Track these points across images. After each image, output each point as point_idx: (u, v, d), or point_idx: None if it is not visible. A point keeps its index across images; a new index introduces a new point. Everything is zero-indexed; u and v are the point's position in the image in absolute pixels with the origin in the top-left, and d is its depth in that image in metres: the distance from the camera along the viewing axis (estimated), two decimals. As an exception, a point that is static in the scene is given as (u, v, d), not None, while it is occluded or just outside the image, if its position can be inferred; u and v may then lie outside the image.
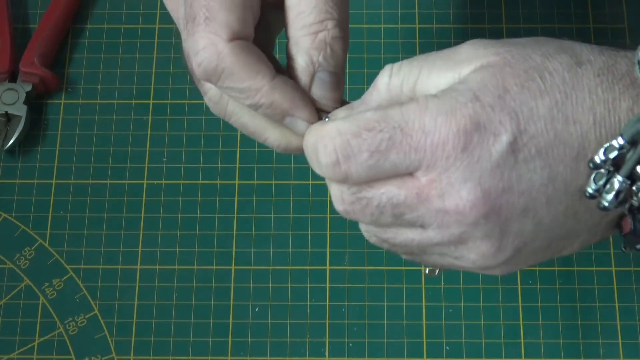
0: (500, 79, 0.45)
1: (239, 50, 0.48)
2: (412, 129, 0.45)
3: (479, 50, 0.46)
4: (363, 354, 0.65)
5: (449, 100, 0.45)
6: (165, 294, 0.67)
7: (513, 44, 0.46)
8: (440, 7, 0.75)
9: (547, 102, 0.45)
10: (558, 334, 0.66)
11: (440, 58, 0.47)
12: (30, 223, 0.69)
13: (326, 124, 0.47)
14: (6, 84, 0.72)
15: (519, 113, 0.44)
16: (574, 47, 0.46)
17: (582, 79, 0.45)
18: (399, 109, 0.45)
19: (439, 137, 0.44)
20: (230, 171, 0.70)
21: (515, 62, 0.45)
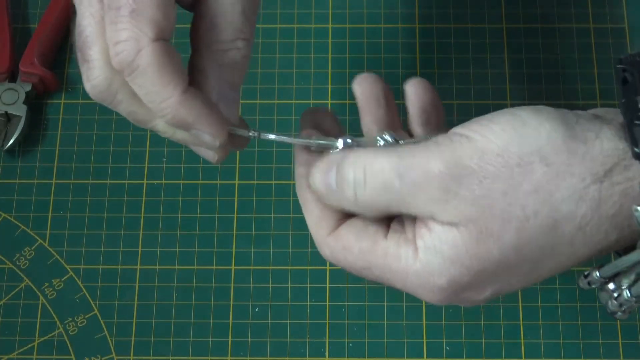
0: (475, 261, 0.45)
1: (159, 53, 0.46)
2: (393, 283, 0.48)
3: (448, 207, 0.45)
4: (363, 354, 0.65)
5: (427, 278, 0.46)
6: (165, 294, 0.67)
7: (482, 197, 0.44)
8: (440, 7, 0.75)
9: (525, 268, 0.46)
10: (558, 334, 0.66)
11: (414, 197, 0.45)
12: (30, 223, 0.69)
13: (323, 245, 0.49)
14: (6, 84, 0.72)
15: (497, 280, 0.46)
16: (553, 194, 0.44)
17: (561, 238, 0.44)
18: (382, 263, 0.47)
19: (421, 297, 0.47)
20: (230, 171, 0.70)
21: (488, 239, 0.44)
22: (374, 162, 0.46)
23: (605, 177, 0.44)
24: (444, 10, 0.75)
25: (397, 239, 0.47)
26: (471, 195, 0.44)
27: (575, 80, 0.73)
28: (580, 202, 0.44)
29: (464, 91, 0.72)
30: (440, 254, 0.45)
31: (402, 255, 0.47)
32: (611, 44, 0.74)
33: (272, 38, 0.73)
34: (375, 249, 0.48)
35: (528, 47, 0.74)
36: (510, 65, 0.73)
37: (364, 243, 0.48)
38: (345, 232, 0.49)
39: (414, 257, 0.46)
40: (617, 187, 0.44)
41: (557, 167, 0.44)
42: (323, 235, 0.49)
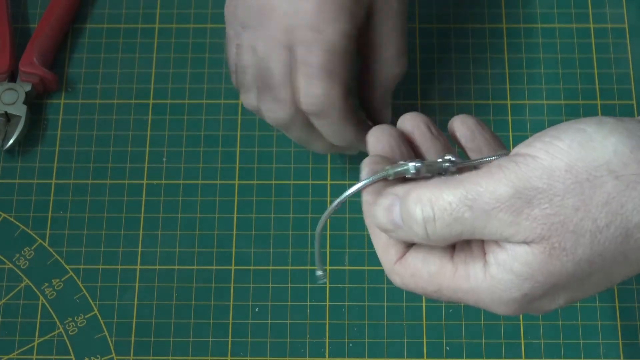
0: (548, 276, 0.45)
1: (345, 108, 0.60)
2: (467, 301, 0.48)
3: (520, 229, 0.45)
4: (363, 354, 0.65)
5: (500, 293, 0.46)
6: (165, 294, 0.67)
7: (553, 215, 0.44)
8: (440, 7, 0.75)
9: (597, 277, 0.46)
10: (558, 334, 0.66)
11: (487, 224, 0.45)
12: (30, 223, 0.69)
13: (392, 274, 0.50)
14: (6, 83, 0.72)
15: (571, 289, 0.46)
16: (624, 206, 0.44)
17: (633, 246, 0.45)
18: (452, 285, 0.48)
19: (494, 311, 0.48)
20: (230, 171, 0.70)
21: (561, 254, 0.45)
22: (440, 197, 0.46)
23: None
24: (444, 10, 0.75)
25: (464, 258, 0.47)
26: (542, 214, 0.44)
27: (575, 80, 0.73)
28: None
29: (464, 91, 0.72)
30: (512, 271, 0.45)
31: (470, 274, 0.47)
32: (611, 44, 0.74)
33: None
34: (444, 272, 0.48)
35: (528, 47, 0.74)
36: (510, 65, 0.73)
37: (431, 267, 0.48)
38: (412, 258, 0.49)
39: (483, 273, 0.46)
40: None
41: (626, 178, 0.44)
42: (391, 264, 0.49)
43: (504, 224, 0.45)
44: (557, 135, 0.45)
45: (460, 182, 0.45)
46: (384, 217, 0.48)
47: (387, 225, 0.48)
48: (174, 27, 0.75)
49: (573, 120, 0.46)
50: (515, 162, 0.45)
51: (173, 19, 0.75)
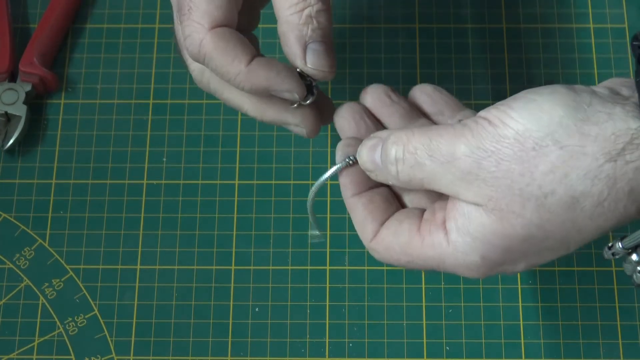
0: (501, 238, 0.48)
1: (217, 38, 0.53)
2: (437, 268, 0.51)
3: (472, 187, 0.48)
4: (363, 354, 0.65)
5: (461, 258, 0.50)
6: (165, 294, 0.67)
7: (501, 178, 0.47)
8: (440, 7, 0.75)
9: (552, 241, 0.48)
10: (558, 334, 0.66)
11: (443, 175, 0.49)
12: (30, 223, 0.69)
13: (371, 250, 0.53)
14: (6, 83, 0.72)
15: (528, 254, 0.49)
16: (568, 175, 0.46)
17: (581, 214, 0.47)
18: (420, 253, 0.51)
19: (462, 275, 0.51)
20: (230, 171, 0.70)
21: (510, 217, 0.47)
22: (410, 142, 0.50)
23: (618, 156, 0.46)
24: (444, 10, 0.75)
25: (429, 228, 0.51)
26: (491, 176, 0.47)
27: (575, 80, 0.73)
28: (596, 180, 0.46)
29: (464, 91, 0.72)
30: (469, 233, 0.49)
31: (435, 242, 0.50)
32: (611, 44, 0.74)
33: (272, 38, 0.73)
34: (413, 243, 0.51)
35: (528, 47, 0.74)
36: (510, 65, 0.73)
37: (401, 239, 0.52)
38: (384, 234, 0.52)
39: (446, 240, 0.50)
40: (630, 165, 0.45)
41: (570, 149, 0.46)
42: (368, 241, 0.53)
43: (456, 178, 0.48)
44: (511, 105, 0.48)
45: (428, 131, 0.50)
46: (367, 155, 0.52)
47: (369, 164, 0.52)
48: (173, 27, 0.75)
49: (529, 90, 0.49)
50: (475, 123, 0.48)
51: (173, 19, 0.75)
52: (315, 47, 0.54)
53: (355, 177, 0.54)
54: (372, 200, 0.53)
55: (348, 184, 0.54)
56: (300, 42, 0.54)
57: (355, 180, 0.54)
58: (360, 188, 0.54)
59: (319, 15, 0.54)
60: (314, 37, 0.54)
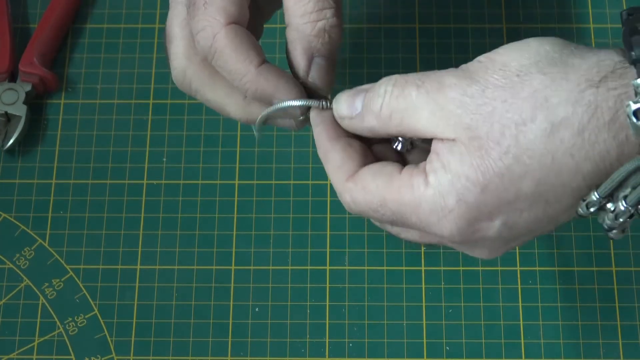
0: (479, 172, 0.47)
1: (232, 34, 0.52)
2: (409, 219, 0.50)
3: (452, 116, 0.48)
4: (363, 354, 0.65)
5: (439, 200, 0.48)
6: (165, 294, 0.67)
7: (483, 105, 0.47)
8: (440, 7, 0.75)
9: (529, 182, 0.47)
10: (558, 334, 0.66)
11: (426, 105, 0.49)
12: (30, 223, 0.69)
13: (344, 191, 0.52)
14: (6, 83, 0.72)
15: (505, 200, 0.48)
16: (549, 99, 0.46)
17: (560, 146, 0.46)
18: (396, 197, 0.50)
19: (436, 230, 0.49)
20: (230, 171, 0.70)
21: (489, 146, 0.47)
22: (403, 76, 0.50)
23: (600, 82, 0.46)
24: (444, 10, 0.75)
25: (410, 172, 0.50)
26: (474, 103, 0.47)
27: (575, 80, 0.73)
28: (577, 105, 0.45)
29: (464, 91, 0.72)
30: (449, 170, 0.48)
31: (414, 184, 0.49)
32: (611, 44, 0.74)
33: (272, 38, 0.73)
34: (391, 184, 0.50)
35: (528, 47, 0.74)
36: (510, 65, 0.73)
37: (379, 180, 0.50)
38: (363, 173, 0.51)
39: (425, 183, 0.49)
40: (612, 92, 0.45)
41: (553, 75, 0.46)
42: (342, 180, 0.52)
43: (438, 110, 0.48)
44: (500, 47, 0.49)
45: (423, 73, 0.50)
46: (345, 100, 0.52)
47: (345, 109, 0.52)
48: (174, 27, 0.75)
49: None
50: (465, 65, 0.49)
51: (173, 19, 0.75)
52: (320, 62, 0.54)
53: (329, 124, 0.53)
54: (351, 144, 0.52)
55: (323, 129, 0.53)
56: (307, 54, 0.53)
57: (331, 126, 0.53)
58: (336, 133, 0.53)
59: (331, 31, 0.53)
60: (322, 52, 0.53)
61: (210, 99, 0.56)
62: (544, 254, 0.68)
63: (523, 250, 0.68)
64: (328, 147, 0.53)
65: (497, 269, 0.67)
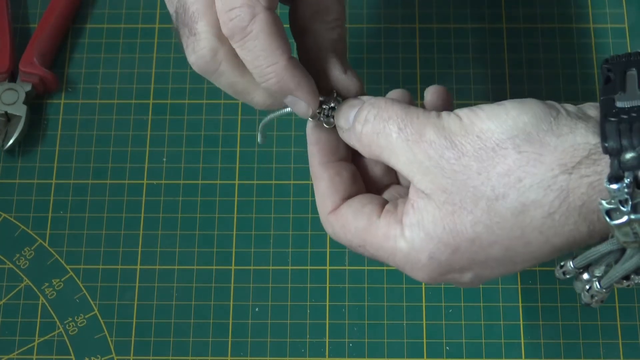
0: (451, 236, 0.49)
1: (272, 20, 0.51)
2: (387, 261, 0.52)
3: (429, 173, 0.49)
4: (363, 354, 0.65)
5: (412, 255, 0.50)
6: (165, 294, 0.67)
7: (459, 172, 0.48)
8: (440, 7, 0.75)
9: (498, 248, 0.49)
10: (558, 334, 0.66)
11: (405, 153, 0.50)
12: (30, 223, 0.69)
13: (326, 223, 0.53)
14: (6, 83, 0.72)
15: (475, 260, 0.49)
16: (522, 180, 0.47)
17: (530, 224, 0.47)
18: (375, 242, 0.51)
19: (412, 275, 0.51)
20: (230, 171, 0.70)
21: (462, 214, 0.48)
22: (387, 110, 0.51)
23: (574, 169, 0.46)
24: (444, 10, 0.75)
25: (389, 219, 0.51)
26: (450, 168, 0.48)
27: (575, 80, 0.73)
28: (548, 190, 0.46)
29: (464, 91, 0.72)
30: (423, 228, 0.49)
31: (391, 234, 0.50)
32: (611, 44, 0.74)
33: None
34: (370, 229, 0.51)
35: (528, 47, 0.74)
36: (510, 65, 0.73)
37: (360, 222, 0.52)
38: (344, 211, 0.52)
39: (401, 235, 0.50)
40: (585, 180, 0.46)
41: (528, 155, 0.47)
42: (325, 213, 0.53)
43: (416, 161, 0.49)
44: (482, 107, 0.49)
45: (407, 108, 0.51)
46: (344, 111, 0.53)
47: (343, 121, 0.52)
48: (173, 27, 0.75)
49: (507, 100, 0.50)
50: (449, 116, 0.50)
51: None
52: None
53: (325, 144, 0.54)
54: (340, 173, 0.53)
55: (316, 150, 0.54)
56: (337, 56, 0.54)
57: (324, 148, 0.54)
58: (328, 157, 0.54)
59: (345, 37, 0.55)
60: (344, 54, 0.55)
61: (237, 82, 0.54)
62: (544, 254, 0.68)
63: (523, 250, 0.68)
64: (317, 172, 0.54)
65: (497, 269, 0.67)
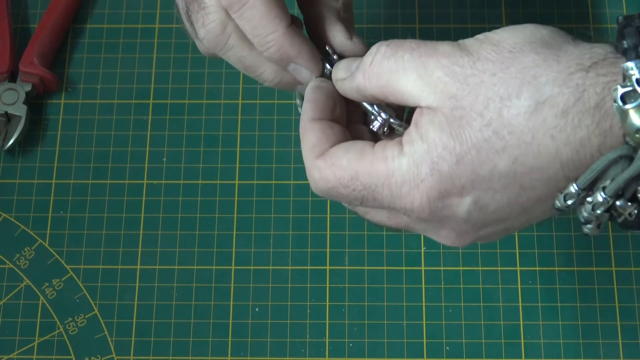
0: (457, 142, 0.46)
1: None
2: (380, 193, 0.48)
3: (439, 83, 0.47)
4: (363, 354, 0.65)
5: (412, 169, 0.47)
6: (165, 294, 0.67)
7: (472, 76, 0.47)
8: (440, 7, 0.75)
9: (506, 159, 0.46)
10: (558, 334, 0.66)
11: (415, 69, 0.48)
12: (30, 223, 0.69)
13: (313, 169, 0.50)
14: (6, 84, 0.72)
15: (479, 175, 0.46)
16: (538, 77, 0.46)
17: (542, 125, 0.45)
18: (368, 169, 0.48)
19: (405, 203, 0.48)
20: (230, 171, 0.70)
21: (470, 117, 0.46)
22: (400, 41, 0.49)
23: (590, 67, 0.45)
24: (444, 10, 0.75)
25: (384, 145, 0.49)
26: (462, 73, 0.47)
27: (575, 80, 0.73)
28: (564, 86, 0.45)
29: (464, 91, 0.72)
30: (425, 140, 0.47)
31: (387, 155, 0.48)
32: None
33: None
34: (363, 157, 0.49)
35: (528, 47, 0.74)
36: (510, 65, 0.73)
37: (351, 154, 0.49)
38: (334, 150, 0.50)
39: (400, 153, 0.48)
40: (601, 78, 0.45)
41: (545, 55, 0.46)
42: (313, 158, 0.50)
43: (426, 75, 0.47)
44: (498, 29, 0.49)
45: (420, 40, 0.49)
46: (345, 64, 0.52)
47: (342, 72, 0.52)
48: (174, 27, 0.75)
49: None
50: (462, 40, 0.49)
51: (173, 19, 0.75)
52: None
53: (321, 103, 0.52)
54: (332, 127, 0.51)
55: (310, 107, 0.52)
56: (343, 23, 0.54)
57: (320, 106, 0.52)
58: (322, 115, 0.52)
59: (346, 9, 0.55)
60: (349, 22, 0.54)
61: (245, 57, 0.54)
62: (543, 254, 0.68)
63: (523, 250, 0.68)
64: (307, 126, 0.51)
65: (497, 269, 0.67)
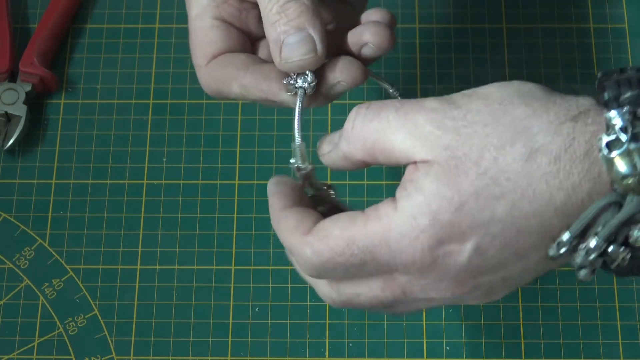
0: (455, 191, 0.46)
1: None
2: (379, 252, 0.47)
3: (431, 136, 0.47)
4: (363, 354, 0.65)
5: (410, 222, 0.47)
6: (165, 294, 0.67)
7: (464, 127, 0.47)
8: (440, 7, 0.75)
9: (504, 205, 0.47)
10: (558, 334, 0.66)
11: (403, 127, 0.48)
12: (30, 223, 0.69)
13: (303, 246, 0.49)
14: (6, 83, 0.72)
15: (478, 222, 0.47)
16: (530, 128, 0.47)
17: (537, 171, 0.46)
18: (363, 231, 0.48)
19: (406, 257, 0.47)
20: (230, 171, 0.70)
21: (466, 166, 0.46)
22: (380, 102, 0.49)
23: (578, 117, 0.47)
24: (444, 10, 0.75)
25: (376, 206, 0.48)
26: (453, 125, 0.47)
27: (575, 80, 0.73)
28: (555, 135, 0.46)
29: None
30: (422, 192, 0.47)
31: (381, 214, 0.47)
32: (611, 44, 0.74)
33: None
34: (355, 221, 0.48)
35: (528, 47, 0.74)
36: (510, 65, 0.73)
37: (342, 222, 0.48)
38: (322, 224, 0.49)
39: (394, 209, 0.47)
40: (589, 127, 0.46)
41: (534, 107, 0.47)
42: (301, 236, 0.49)
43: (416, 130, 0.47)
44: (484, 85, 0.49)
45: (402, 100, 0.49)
46: (328, 139, 0.52)
47: (326, 146, 0.52)
48: (174, 27, 0.75)
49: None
50: (447, 95, 0.49)
51: (173, 19, 0.75)
52: (289, 41, 0.52)
53: (286, 192, 0.52)
54: (307, 210, 0.50)
55: (277, 199, 0.51)
56: (277, 42, 0.52)
57: (287, 195, 0.52)
58: (292, 203, 0.51)
59: (286, 8, 0.52)
60: (288, 32, 0.52)
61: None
62: (544, 254, 0.68)
63: (523, 250, 0.68)
64: (281, 215, 0.51)
65: (497, 269, 0.67)
